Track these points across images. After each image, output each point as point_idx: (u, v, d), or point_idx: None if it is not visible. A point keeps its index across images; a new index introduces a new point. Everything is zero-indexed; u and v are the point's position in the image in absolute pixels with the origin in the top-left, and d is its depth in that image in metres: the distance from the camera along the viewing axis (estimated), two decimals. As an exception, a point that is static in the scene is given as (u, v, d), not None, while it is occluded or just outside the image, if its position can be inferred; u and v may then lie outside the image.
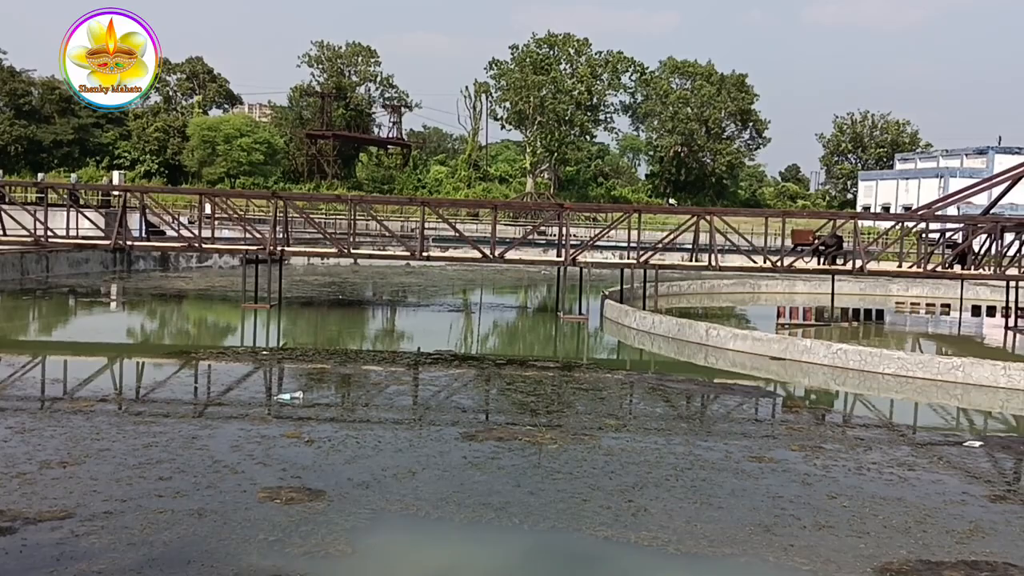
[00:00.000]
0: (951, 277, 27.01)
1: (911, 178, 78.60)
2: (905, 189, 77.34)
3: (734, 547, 7.47)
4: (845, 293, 31.50)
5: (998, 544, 7.74)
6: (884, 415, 14.59)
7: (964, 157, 76.95)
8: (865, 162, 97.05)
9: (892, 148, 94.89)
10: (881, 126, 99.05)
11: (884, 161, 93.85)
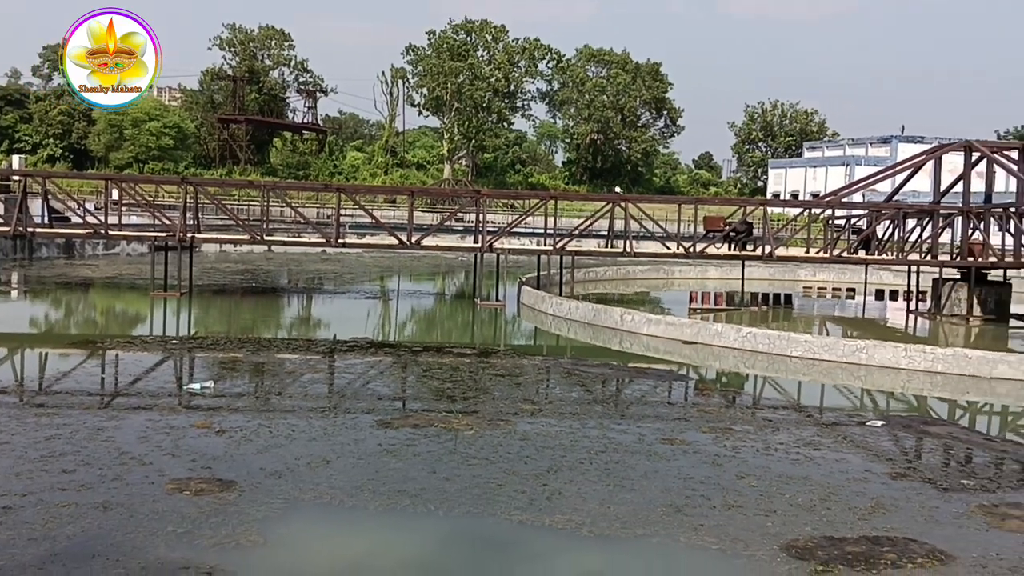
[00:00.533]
0: (856, 262, 27.83)
1: (819, 166, 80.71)
2: (813, 177, 79.38)
3: (646, 528, 7.59)
4: (755, 278, 32.25)
5: (898, 520, 8.02)
6: (792, 397, 14.99)
7: (869, 146, 79.30)
8: (775, 150, 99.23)
9: (801, 137, 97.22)
10: (790, 115, 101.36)
11: (793, 149, 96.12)
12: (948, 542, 7.43)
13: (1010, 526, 7.94)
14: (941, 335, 22.97)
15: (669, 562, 7.08)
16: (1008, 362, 15.50)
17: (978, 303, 24.39)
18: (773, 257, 25.64)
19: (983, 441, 11.81)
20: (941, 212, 25.77)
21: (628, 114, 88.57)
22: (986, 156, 25.02)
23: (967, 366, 15.51)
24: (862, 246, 27.07)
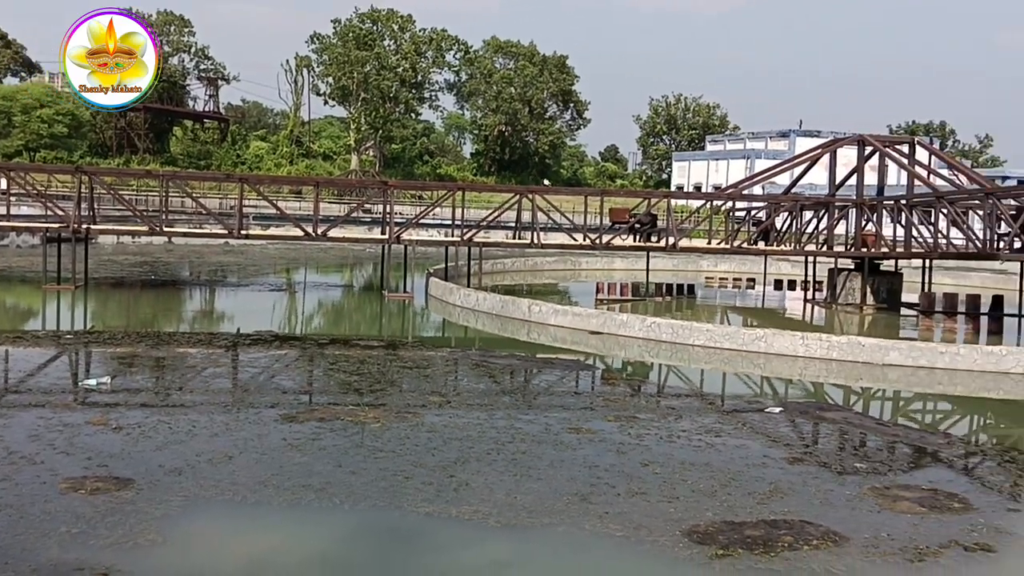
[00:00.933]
0: (756, 253, 28.58)
1: (721, 159, 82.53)
2: (715, 169, 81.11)
3: (552, 517, 7.65)
4: (659, 269, 32.80)
5: (795, 503, 8.26)
6: (694, 385, 15.30)
7: (768, 139, 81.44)
8: (679, 143, 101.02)
9: (703, 130, 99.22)
10: (693, 109, 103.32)
11: (696, 142, 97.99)
12: (842, 524, 7.69)
13: (900, 507, 8.26)
14: (836, 323, 23.76)
15: (575, 550, 7.15)
16: (899, 349, 16.12)
17: (871, 292, 25.30)
18: (677, 248, 26.14)
19: (875, 426, 12.26)
20: (836, 204, 26.63)
21: (535, 106, 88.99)
22: (878, 150, 25.93)
23: (860, 353, 16.07)
24: (761, 237, 27.80)
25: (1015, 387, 14.85)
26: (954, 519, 7.98)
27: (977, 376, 15.36)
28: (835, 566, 6.80)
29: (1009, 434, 12.65)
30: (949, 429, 12.74)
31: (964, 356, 15.79)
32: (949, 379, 15.29)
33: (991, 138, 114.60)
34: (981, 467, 10.23)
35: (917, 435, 11.68)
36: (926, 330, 21.54)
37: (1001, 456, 10.78)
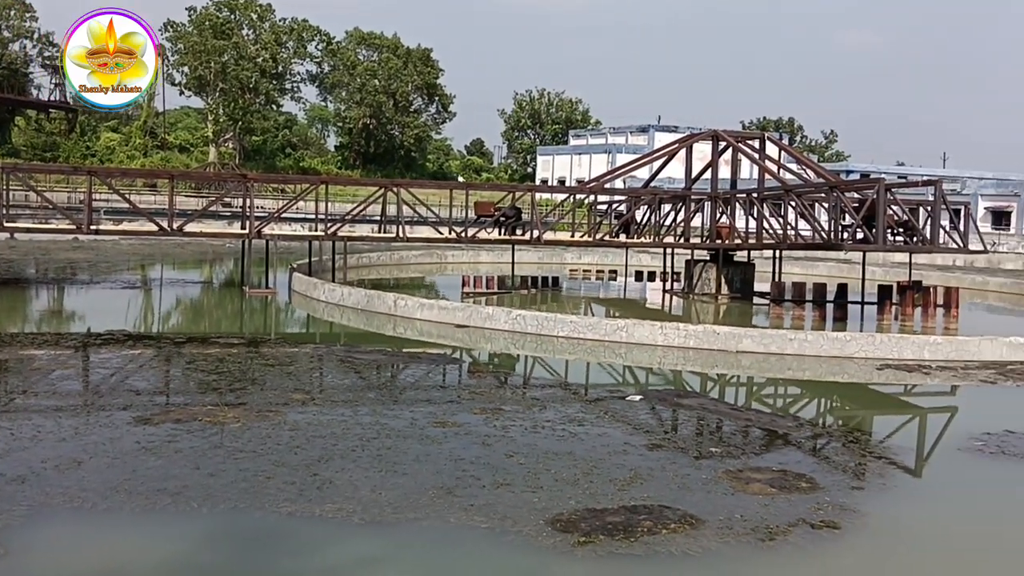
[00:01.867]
0: (617, 245, 29.22)
1: (583, 153, 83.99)
2: (578, 163, 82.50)
3: (417, 511, 7.63)
4: (525, 262, 33.11)
5: (654, 488, 8.49)
6: (559, 375, 15.53)
7: (629, 134, 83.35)
8: (543, 137, 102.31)
9: (567, 125, 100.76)
10: (557, 103, 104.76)
11: (560, 137, 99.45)
12: (698, 507, 7.96)
13: (753, 489, 8.61)
14: (694, 312, 24.57)
15: (440, 544, 7.16)
16: (751, 336, 16.79)
17: (726, 282, 26.27)
18: (541, 241, 26.46)
19: (730, 411, 12.72)
20: (692, 197, 27.50)
21: (400, 99, 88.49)
22: (731, 145, 26.92)
23: (716, 341, 16.66)
24: (622, 230, 28.44)
25: (858, 371, 15.68)
26: (802, 499, 8.37)
27: (824, 361, 16.16)
28: (691, 548, 7.03)
29: (853, 416, 13.35)
30: (798, 412, 13.34)
31: (812, 342, 16.59)
32: (798, 364, 16.02)
33: (835, 134, 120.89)
34: (827, 448, 10.75)
35: (768, 419, 12.18)
36: (777, 318, 22.50)
37: (845, 437, 11.37)
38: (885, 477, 9.45)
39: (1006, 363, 16.15)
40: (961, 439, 11.08)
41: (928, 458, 10.86)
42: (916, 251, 24.37)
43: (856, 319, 22.52)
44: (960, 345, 16.80)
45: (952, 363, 16.09)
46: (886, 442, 11.21)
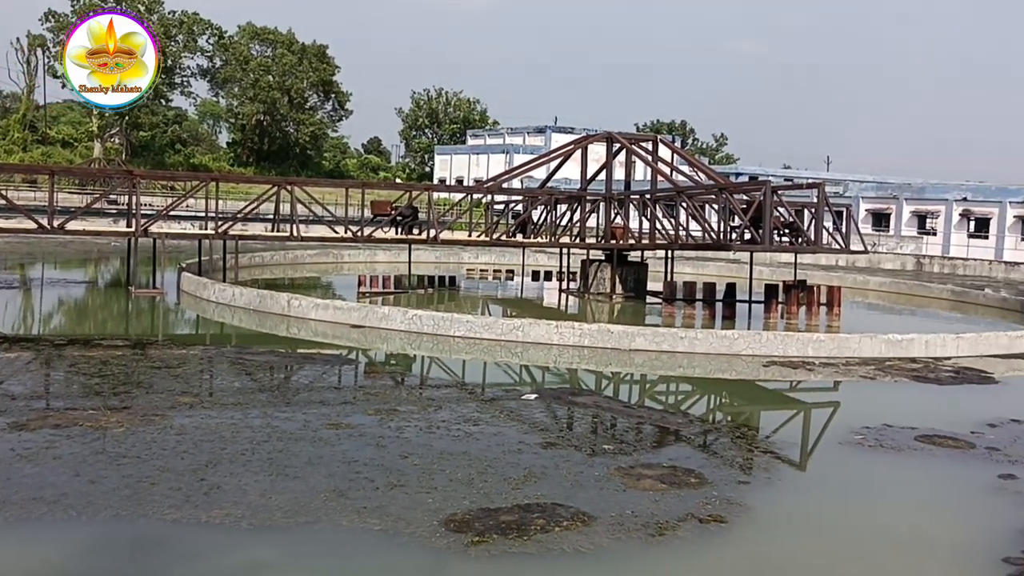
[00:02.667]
0: (514, 245, 29.35)
1: (481, 153, 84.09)
2: (476, 163, 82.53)
3: (309, 515, 7.51)
4: (422, 261, 33.02)
5: (548, 487, 8.55)
6: (456, 375, 15.49)
7: (526, 135, 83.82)
8: (441, 137, 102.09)
9: (465, 124, 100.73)
10: (455, 103, 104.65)
11: (458, 136, 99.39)
12: (591, 504, 8.05)
13: (644, 485, 8.75)
14: (589, 312, 24.87)
15: (332, 547, 7.05)
16: (644, 335, 17.09)
17: (620, 281, 26.68)
18: (438, 241, 26.39)
19: (623, 408, 12.92)
20: (587, 198, 27.83)
21: (295, 95, 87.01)
22: (625, 147, 27.34)
23: (610, 340, 16.90)
24: (519, 230, 28.59)
25: (746, 368, 16.12)
26: (691, 494, 8.56)
27: (713, 358, 16.56)
28: (584, 545, 7.11)
29: (741, 412, 13.73)
30: (689, 409, 13.65)
31: (701, 340, 16.98)
32: (689, 362, 16.38)
33: (726, 137, 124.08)
34: (716, 444, 11.03)
35: (660, 416, 12.40)
36: (668, 316, 22.96)
37: (733, 433, 11.69)
38: (771, 471, 9.74)
39: (884, 359, 16.86)
40: (842, 433, 11.50)
41: (812, 452, 11.22)
42: (801, 251, 25.18)
43: (744, 317, 23.16)
44: (842, 342, 17.46)
45: (834, 359, 16.71)
46: (772, 437, 11.56)
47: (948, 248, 52.93)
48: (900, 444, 10.95)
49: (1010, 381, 16.10)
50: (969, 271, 46.83)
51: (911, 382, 15.20)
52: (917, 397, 14.35)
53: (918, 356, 17.27)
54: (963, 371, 16.31)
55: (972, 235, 53.01)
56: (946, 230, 53.87)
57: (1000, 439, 11.34)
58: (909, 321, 27.47)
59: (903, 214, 56.40)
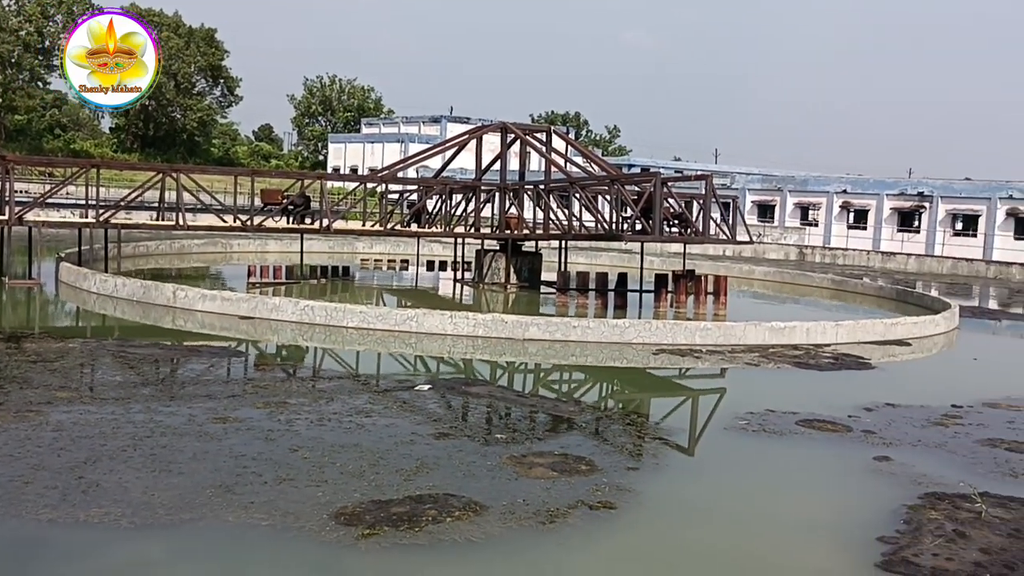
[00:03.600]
0: (409, 235, 29.18)
1: (376, 142, 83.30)
2: (371, 152, 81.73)
3: (193, 512, 7.31)
4: (315, 251, 32.51)
5: (440, 477, 8.53)
6: (350, 366, 15.30)
7: (421, 124, 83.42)
8: (335, 125, 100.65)
9: (359, 113, 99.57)
10: (348, 91, 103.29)
11: (352, 125, 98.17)
12: (482, 493, 8.07)
13: (535, 474, 8.82)
14: (483, 301, 24.92)
15: (217, 545, 6.88)
16: (538, 324, 17.21)
17: (514, 271, 26.81)
18: (331, 230, 26.01)
19: (516, 397, 12.97)
20: (482, 188, 27.85)
21: (182, 80, 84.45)
22: (519, 138, 27.45)
23: (504, 329, 16.96)
24: (414, 219, 28.43)
25: (636, 356, 16.41)
26: (582, 481, 8.66)
27: (605, 347, 16.81)
28: (475, 535, 7.12)
29: (632, 399, 13.96)
30: (581, 397, 13.77)
31: (594, 329, 17.21)
32: (581, 351, 16.58)
33: (619, 129, 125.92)
34: (607, 431, 11.18)
35: (552, 404, 12.53)
36: (562, 306, 23.20)
37: (624, 420, 11.89)
38: (659, 457, 9.93)
39: (768, 346, 17.40)
40: (728, 419, 11.82)
41: (699, 438, 11.50)
42: (690, 242, 25.75)
43: (635, 306, 23.57)
44: (728, 330, 17.94)
45: (721, 347, 17.16)
46: (661, 423, 11.79)
47: (829, 239, 54.94)
48: (782, 428, 11.32)
49: (885, 367, 16.82)
50: (848, 261, 48.77)
51: (793, 368, 15.73)
52: (798, 383, 14.86)
53: (800, 343, 17.89)
54: (842, 357, 16.96)
55: (852, 226, 55.14)
56: (827, 221, 55.90)
57: (875, 422, 11.83)
58: (792, 309, 28.40)
59: (787, 206, 58.26)
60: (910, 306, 26.27)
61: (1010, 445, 10.95)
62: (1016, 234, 48.16)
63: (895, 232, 53.16)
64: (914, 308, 25.44)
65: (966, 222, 50.56)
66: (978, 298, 34.18)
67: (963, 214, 50.62)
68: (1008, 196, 48.50)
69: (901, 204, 53.12)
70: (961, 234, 50.43)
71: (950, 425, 11.89)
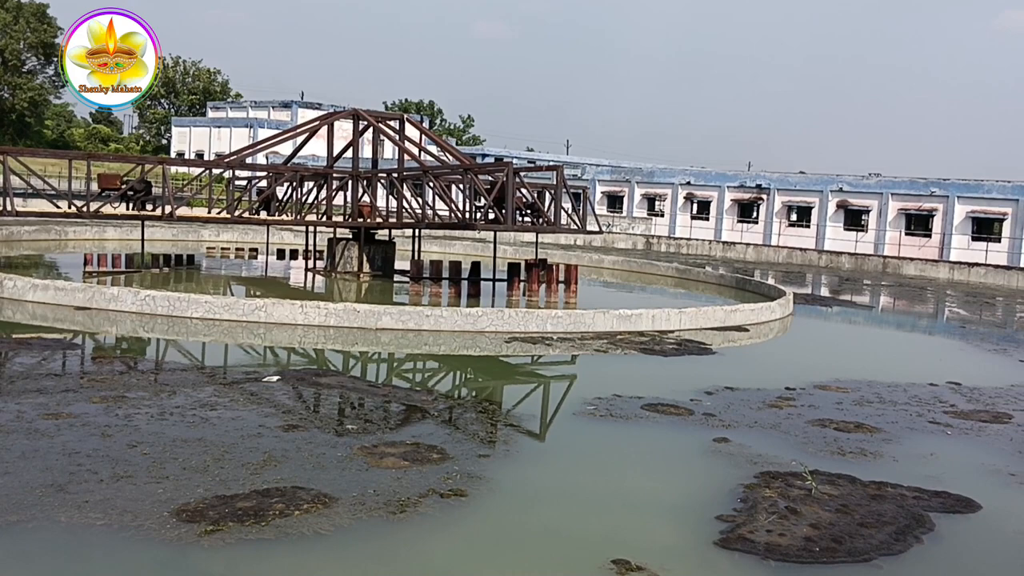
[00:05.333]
0: (258, 223, 28.43)
1: (223, 126, 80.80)
2: (218, 137, 79.24)
3: (22, 513, 6.92)
4: (157, 239, 31.31)
5: (288, 470, 8.37)
6: (195, 358, 14.79)
7: (272, 109, 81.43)
8: (179, 108, 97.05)
9: (205, 96, 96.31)
10: (193, 73, 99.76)
11: (197, 108, 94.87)
12: (332, 485, 7.96)
13: (386, 464, 8.77)
14: (336, 291, 24.57)
15: (49, 546, 6.53)
16: (390, 314, 17.10)
17: (367, 260, 26.55)
18: (174, 218, 25.05)
19: (368, 388, 12.84)
20: (334, 175, 27.42)
21: (11, 57, 79.59)
22: (372, 125, 27.15)
23: (356, 319, 16.78)
24: (263, 207, 27.73)
25: (489, 344, 16.54)
26: (433, 469, 8.67)
27: (458, 335, 16.86)
28: (324, 527, 7.02)
29: (485, 387, 14.05)
30: (435, 386, 13.77)
31: (447, 318, 17.24)
32: (435, 340, 16.58)
33: (472, 119, 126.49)
34: (460, 419, 11.22)
35: (405, 394, 12.47)
36: (415, 295, 23.13)
37: (476, 407, 11.96)
38: (510, 444, 10.05)
39: (616, 333, 17.87)
40: (577, 404, 12.07)
41: (550, 423, 11.69)
42: (541, 231, 26.10)
43: (488, 295, 23.74)
44: (578, 318, 18.31)
45: (571, 334, 17.50)
46: (514, 411, 11.93)
47: (674, 229, 56.86)
48: (628, 413, 11.64)
49: (725, 352, 17.54)
50: (692, 250, 50.62)
51: (639, 354, 16.20)
52: (644, 368, 15.31)
53: (646, 330, 18.44)
54: (685, 343, 17.59)
55: (695, 216, 57.23)
56: (672, 212, 57.80)
57: (715, 405, 12.33)
58: (639, 297, 29.26)
59: (635, 196, 59.90)
60: (748, 293, 27.49)
61: (838, 425, 11.62)
62: (846, 225, 51.10)
63: (735, 223, 55.51)
64: (752, 295, 26.64)
65: (800, 213, 53.28)
66: (811, 286, 36.10)
67: (797, 206, 53.31)
68: (839, 189, 51.37)
69: (741, 196, 55.46)
70: (796, 225, 53.12)
71: (784, 407, 12.52)
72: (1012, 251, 44.64)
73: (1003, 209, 45.54)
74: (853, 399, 13.34)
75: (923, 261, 44.65)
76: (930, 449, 10.76)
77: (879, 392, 13.95)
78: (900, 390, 14.22)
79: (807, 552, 7.19)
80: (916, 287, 37.38)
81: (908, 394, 13.95)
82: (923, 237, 48.11)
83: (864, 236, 50.01)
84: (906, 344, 22.57)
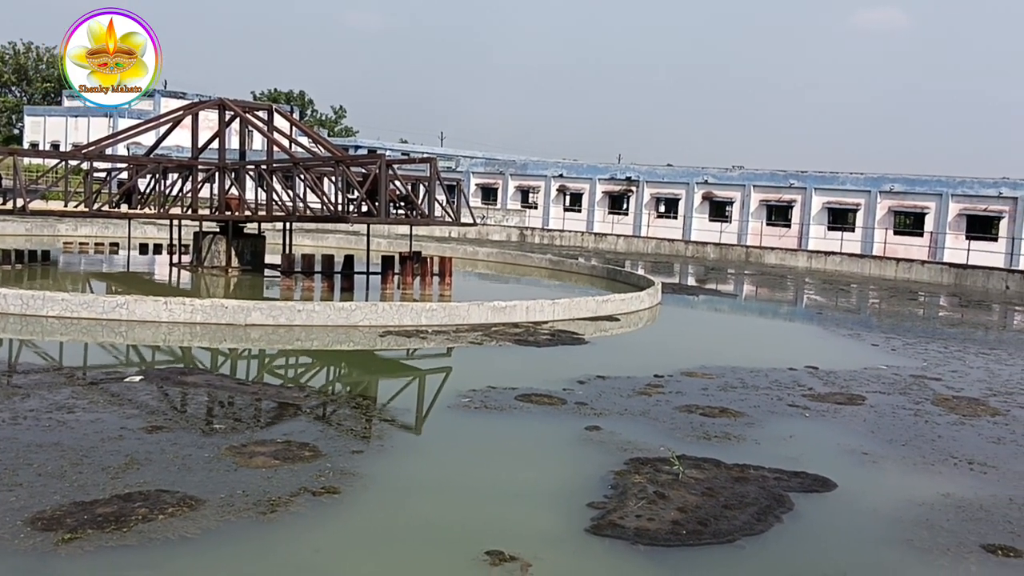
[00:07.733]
0: (118, 216, 27.37)
1: (81, 116, 77.32)
2: (75, 127, 75.83)
3: None
4: (9, 234, 29.76)
5: (152, 473, 8.09)
6: (51, 358, 14.12)
7: (132, 98, 78.16)
8: (32, 96, 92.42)
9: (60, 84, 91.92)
10: (48, 60, 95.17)
11: (52, 97, 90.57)
12: (199, 487, 7.74)
13: (256, 463, 8.57)
14: (203, 286, 23.85)
15: None
16: (260, 309, 16.72)
17: (236, 255, 25.87)
18: (27, 211, 23.83)
19: (238, 385, 12.51)
20: (200, 167, 26.60)
21: None
22: (239, 115, 26.45)
23: (224, 315, 16.34)
24: (124, 200, 26.69)
25: (363, 338, 16.37)
26: (305, 467, 8.53)
27: (331, 330, 16.63)
28: (190, 531, 6.82)
29: (360, 381, 13.91)
30: (308, 382, 13.55)
31: (319, 312, 16.97)
32: (307, 335, 16.31)
33: (345, 110, 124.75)
34: (334, 415, 11.07)
35: (277, 391, 12.21)
36: (287, 290, 22.69)
37: (350, 403, 11.82)
38: (385, 439, 9.98)
39: (491, 325, 17.96)
40: (452, 397, 12.08)
41: (426, 417, 11.66)
42: (416, 224, 25.99)
43: (362, 289, 23.49)
44: (453, 311, 18.32)
45: (446, 327, 17.50)
46: (388, 405, 11.86)
47: (548, 221, 57.50)
48: (503, 404, 11.73)
49: (597, 341, 17.87)
50: (565, 242, 51.36)
51: (514, 345, 16.33)
52: (518, 359, 15.44)
53: (520, 321, 18.60)
54: (558, 333, 17.83)
55: (568, 208, 58.02)
56: (545, 204, 58.44)
57: (587, 394, 12.55)
58: (513, 289, 29.48)
59: (508, 189, 60.28)
60: (619, 284, 28.07)
61: (704, 410, 11.99)
62: (711, 216, 52.73)
63: (607, 214, 56.56)
64: (622, 285, 27.21)
65: (668, 205, 54.71)
66: (678, 275, 37.15)
67: (665, 198, 54.71)
68: (704, 181, 52.96)
69: (611, 188, 56.54)
70: (664, 216, 54.52)
71: (653, 394, 12.84)
72: (865, 240, 46.98)
73: (857, 200, 47.86)
74: (718, 384, 13.80)
75: (783, 250, 46.55)
76: (790, 431, 11.23)
77: (742, 377, 14.46)
78: (762, 375, 14.79)
79: (674, 535, 7.40)
80: (777, 275, 38.94)
81: (769, 379, 14.52)
82: (783, 227, 50.10)
83: (728, 227, 51.72)
84: (767, 330, 23.48)
